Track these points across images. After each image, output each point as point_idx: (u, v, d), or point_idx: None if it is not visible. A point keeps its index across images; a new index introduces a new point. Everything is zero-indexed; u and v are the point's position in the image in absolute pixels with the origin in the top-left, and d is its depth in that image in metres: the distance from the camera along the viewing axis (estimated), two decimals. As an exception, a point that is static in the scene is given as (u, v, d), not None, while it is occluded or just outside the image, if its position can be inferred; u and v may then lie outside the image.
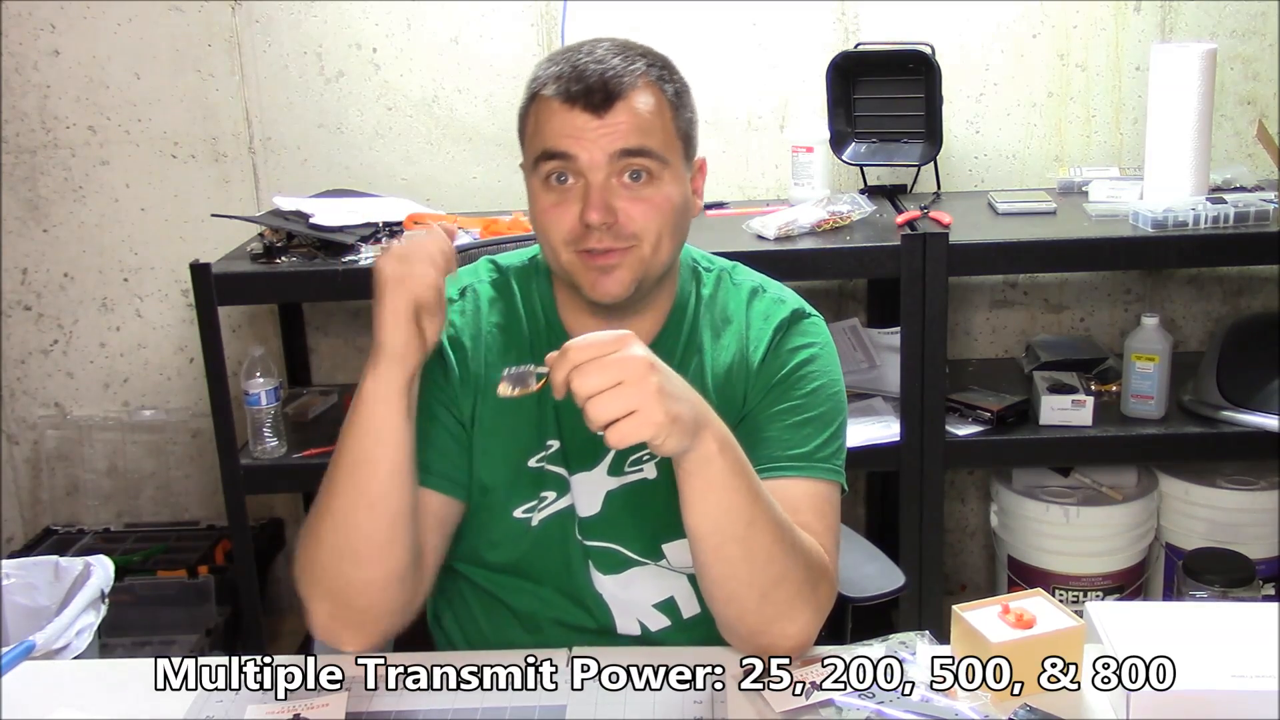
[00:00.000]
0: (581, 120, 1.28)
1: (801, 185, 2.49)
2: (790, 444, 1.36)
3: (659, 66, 1.34)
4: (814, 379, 1.41)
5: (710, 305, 1.44)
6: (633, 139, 1.28)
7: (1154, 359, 2.30)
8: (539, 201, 1.32)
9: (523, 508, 1.40)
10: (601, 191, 1.28)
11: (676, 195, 1.33)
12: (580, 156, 1.28)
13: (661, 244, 1.32)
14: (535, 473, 1.40)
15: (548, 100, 1.29)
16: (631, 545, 1.41)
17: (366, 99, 2.66)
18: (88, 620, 1.82)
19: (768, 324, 1.42)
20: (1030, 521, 2.45)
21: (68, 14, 2.63)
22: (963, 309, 2.75)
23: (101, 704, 1.26)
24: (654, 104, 1.30)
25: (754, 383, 1.40)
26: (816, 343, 1.43)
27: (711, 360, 1.41)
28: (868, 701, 1.17)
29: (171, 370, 2.83)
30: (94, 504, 2.86)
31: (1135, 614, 1.24)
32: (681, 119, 1.35)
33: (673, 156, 1.32)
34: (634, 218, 1.29)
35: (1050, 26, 2.60)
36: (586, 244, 1.29)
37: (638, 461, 1.39)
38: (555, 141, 1.29)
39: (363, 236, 2.33)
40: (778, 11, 2.60)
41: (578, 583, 1.42)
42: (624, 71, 1.29)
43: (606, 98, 1.27)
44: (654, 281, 1.35)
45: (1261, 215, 2.23)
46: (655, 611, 1.42)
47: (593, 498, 1.40)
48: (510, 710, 1.21)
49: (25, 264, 2.78)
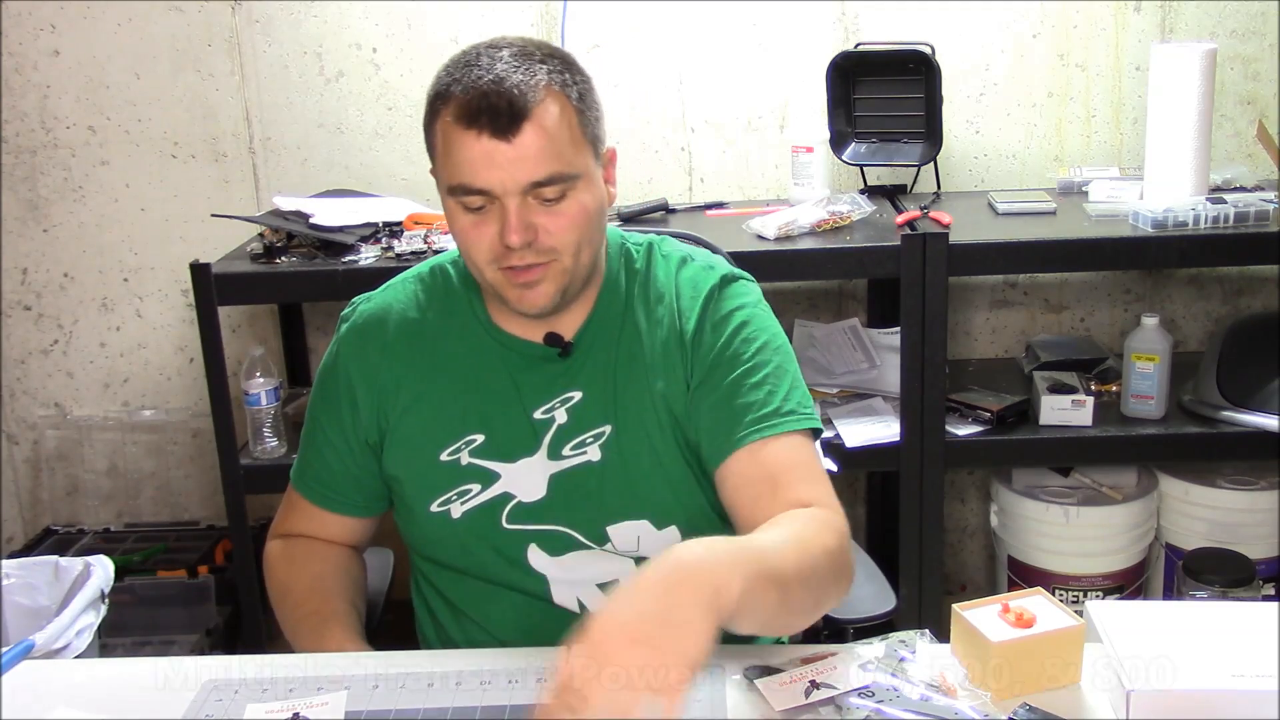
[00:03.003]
0: (489, 146, 1.25)
1: (801, 185, 2.49)
2: (756, 406, 1.36)
3: (560, 70, 1.31)
4: (756, 338, 1.41)
5: (644, 282, 1.44)
6: (543, 168, 1.26)
7: (1154, 359, 2.30)
8: (457, 222, 1.32)
9: (437, 501, 1.41)
10: (518, 213, 1.28)
11: (591, 202, 1.32)
12: (493, 188, 1.27)
13: (581, 252, 1.33)
14: (449, 466, 1.41)
15: (451, 126, 1.27)
16: (576, 527, 1.41)
17: (366, 99, 2.67)
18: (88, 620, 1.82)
19: (697, 292, 1.42)
20: (1030, 521, 2.45)
21: (68, 14, 2.63)
22: (963, 309, 2.75)
23: (101, 704, 1.26)
24: (559, 116, 1.28)
25: (693, 354, 1.40)
26: (748, 303, 1.43)
27: (648, 336, 1.41)
28: (867, 701, 1.17)
29: (171, 370, 2.83)
30: (94, 504, 2.87)
31: (1135, 613, 1.24)
32: (588, 122, 1.32)
33: (584, 165, 1.31)
34: (552, 233, 1.30)
35: (1050, 26, 2.60)
36: (509, 261, 1.30)
37: (580, 445, 1.40)
38: (468, 175, 1.27)
39: (363, 236, 2.33)
40: (778, 11, 2.60)
41: (512, 569, 1.42)
42: (526, 87, 1.26)
43: (512, 119, 1.25)
44: (579, 285, 1.37)
45: (1261, 215, 2.23)
46: (596, 591, 1.42)
47: (534, 483, 1.40)
48: (510, 709, 1.21)
49: (25, 264, 2.78)
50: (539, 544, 1.41)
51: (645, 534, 1.41)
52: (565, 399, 1.40)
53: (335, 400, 1.46)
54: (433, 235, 2.29)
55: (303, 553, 1.51)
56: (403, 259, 2.22)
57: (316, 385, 1.51)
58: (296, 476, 1.53)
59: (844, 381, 2.49)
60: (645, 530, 1.41)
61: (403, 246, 2.27)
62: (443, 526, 1.42)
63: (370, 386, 1.44)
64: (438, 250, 2.24)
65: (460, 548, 1.43)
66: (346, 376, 1.45)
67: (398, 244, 2.29)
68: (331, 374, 1.48)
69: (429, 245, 2.26)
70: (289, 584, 1.48)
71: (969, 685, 1.18)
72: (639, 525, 1.40)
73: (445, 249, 2.23)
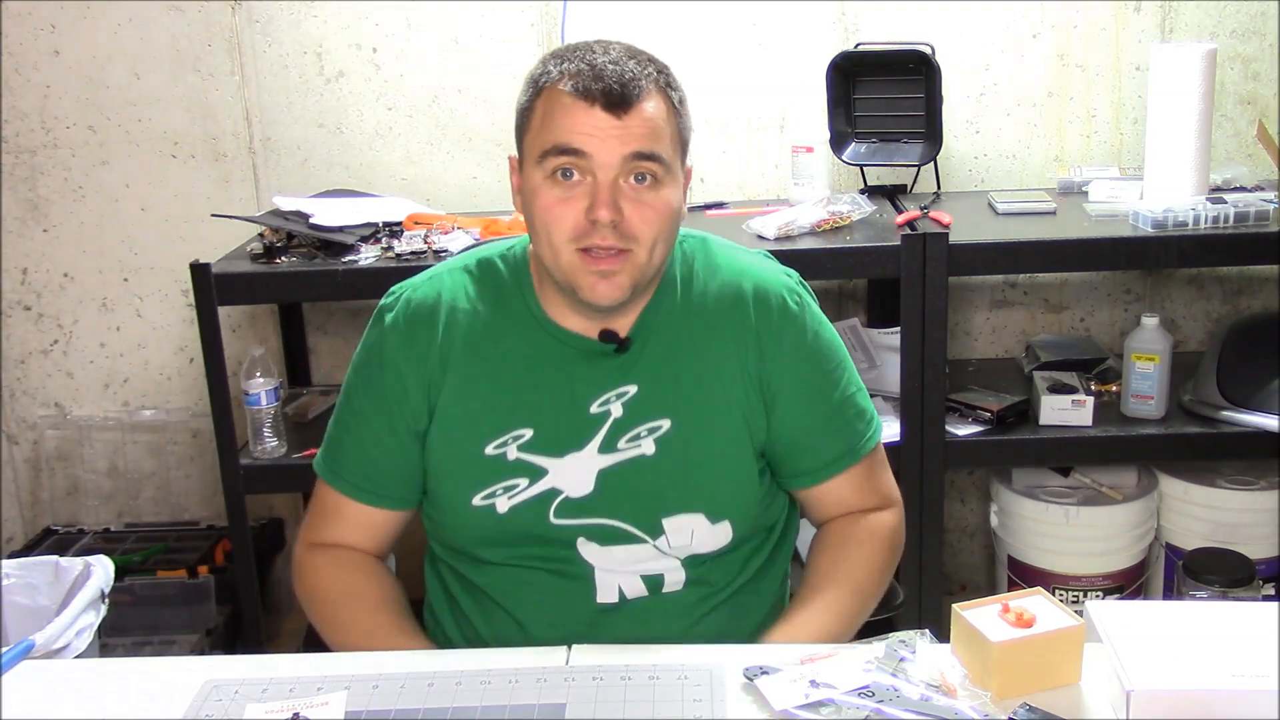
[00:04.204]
0: (599, 118, 1.29)
1: (801, 185, 2.49)
2: (846, 427, 1.48)
3: (665, 75, 1.37)
4: (830, 346, 1.49)
5: (705, 279, 1.46)
6: (647, 143, 1.31)
7: (1154, 359, 2.30)
8: (543, 196, 1.33)
9: (480, 495, 1.41)
10: (611, 190, 1.30)
11: (676, 200, 1.36)
12: (595, 154, 1.30)
13: (656, 249, 1.35)
14: (494, 460, 1.41)
15: (561, 95, 1.31)
16: (630, 520, 1.41)
17: (366, 99, 2.67)
18: (88, 620, 1.82)
19: (768, 297, 1.46)
20: (1030, 521, 2.45)
21: (68, 14, 2.63)
22: (963, 309, 2.75)
23: (101, 704, 1.26)
24: (664, 110, 1.33)
25: (772, 362, 1.43)
26: (813, 305, 1.50)
27: (712, 334, 1.43)
28: (867, 700, 1.17)
29: (171, 370, 2.83)
30: (94, 504, 2.87)
31: (1135, 613, 1.24)
32: (684, 127, 1.38)
33: (675, 163, 1.36)
34: (637, 221, 1.31)
35: (1050, 26, 2.60)
36: (590, 240, 1.31)
37: (635, 439, 1.40)
38: (570, 137, 1.30)
39: (363, 236, 2.33)
40: (778, 12, 2.60)
41: (559, 559, 1.42)
42: (640, 75, 1.31)
43: (624, 98, 1.30)
44: (646, 283, 1.38)
45: (1261, 215, 2.23)
46: (639, 581, 1.43)
47: (583, 478, 1.40)
48: (510, 709, 1.21)
49: (25, 264, 2.78)
50: (588, 536, 1.42)
51: (699, 527, 1.42)
52: (621, 393, 1.41)
53: (381, 390, 1.44)
54: (433, 235, 2.29)
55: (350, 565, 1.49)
56: (403, 259, 2.22)
57: (356, 378, 1.48)
58: (332, 475, 1.49)
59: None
60: (700, 524, 1.42)
61: (403, 246, 2.27)
62: (486, 520, 1.41)
63: (419, 373, 1.43)
64: (438, 250, 2.24)
65: (506, 541, 1.42)
66: (395, 365, 1.43)
67: (398, 244, 2.29)
68: (377, 364, 1.45)
69: (429, 245, 2.26)
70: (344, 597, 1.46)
71: (969, 685, 1.19)
72: (694, 519, 1.42)
73: (445, 249, 2.23)
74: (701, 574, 1.45)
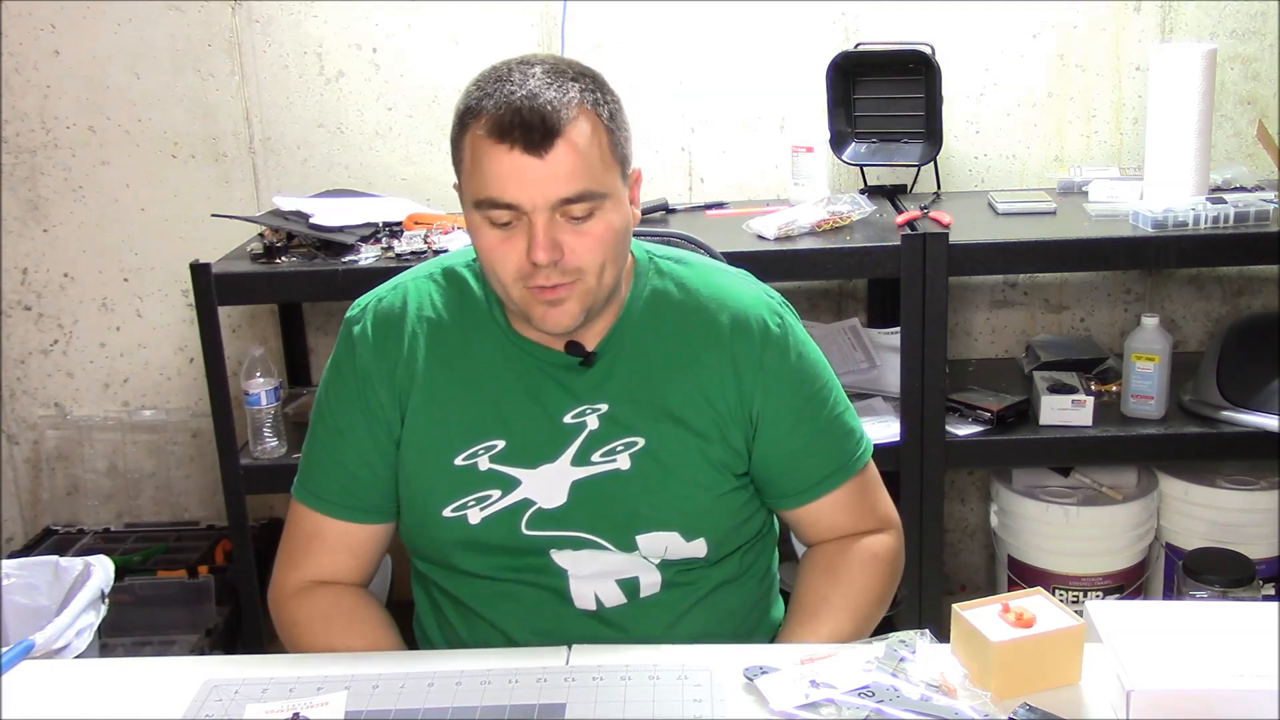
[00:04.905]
0: (521, 162, 1.25)
1: (801, 185, 2.49)
2: (834, 447, 1.47)
3: (592, 89, 1.30)
4: (815, 367, 1.47)
5: (680, 297, 1.43)
6: (573, 185, 1.26)
7: (1154, 359, 2.30)
8: (483, 239, 1.31)
9: (451, 506, 1.39)
10: (546, 231, 1.27)
11: (618, 222, 1.32)
12: (523, 203, 1.27)
13: (605, 272, 1.32)
14: (465, 471, 1.39)
15: (481, 140, 1.27)
16: (603, 535, 1.40)
17: (366, 99, 2.67)
18: (88, 620, 1.82)
19: (747, 320, 1.43)
20: (1030, 521, 2.45)
21: (68, 14, 2.63)
22: (963, 309, 2.75)
23: (101, 704, 1.26)
24: (590, 134, 1.28)
25: (754, 385, 1.41)
26: (798, 328, 1.47)
27: (690, 353, 1.41)
28: (867, 700, 1.17)
29: (171, 370, 2.83)
30: (94, 504, 2.87)
31: (1135, 613, 1.24)
32: (618, 142, 1.32)
33: (612, 185, 1.31)
34: (577, 252, 1.29)
35: (1050, 26, 2.60)
36: (535, 280, 1.30)
37: (610, 453, 1.39)
38: (499, 189, 1.27)
39: (363, 236, 2.33)
40: (778, 12, 2.60)
41: (531, 567, 1.41)
42: (559, 104, 1.25)
43: (545, 135, 1.24)
44: (601, 303, 1.36)
45: (1261, 215, 2.23)
46: (615, 587, 1.42)
47: (556, 489, 1.39)
48: (509, 709, 1.21)
49: (25, 264, 2.78)
50: (559, 547, 1.41)
51: (673, 544, 1.41)
52: (596, 409, 1.40)
53: (358, 401, 1.42)
54: (433, 235, 2.29)
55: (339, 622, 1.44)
56: (403, 259, 2.22)
57: (329, 394, 1.45)
58: (311, 496, 1.46)
59: (844, 381, 2.42)
60: (674, 541, 1.41)
61: (403, 246, 2.27)
62: (458, 531, 1.40)
63: (389, 382, 1.41)
64: (438, 250, 2.24)
65: (478, 552, 1.41)
66: (367, 375, 1.42)
67: (398, 244, 2.29)
68: (350, 376, 1.43)
69: (429, 245, 2.26)
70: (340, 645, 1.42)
71: (969, 685, 1.19)
72: (669, 536, 1.40)
73: (445, 249, 2.23)
74: (677, 577, 1.43)
